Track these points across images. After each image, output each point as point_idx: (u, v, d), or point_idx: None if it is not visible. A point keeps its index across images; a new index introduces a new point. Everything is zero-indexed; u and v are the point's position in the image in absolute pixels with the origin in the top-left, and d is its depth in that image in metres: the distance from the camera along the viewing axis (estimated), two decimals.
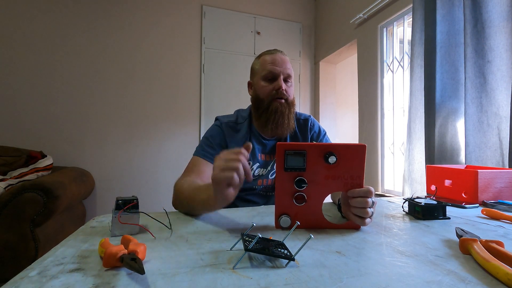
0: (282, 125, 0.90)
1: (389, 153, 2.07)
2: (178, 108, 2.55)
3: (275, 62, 0.90)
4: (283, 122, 0.90)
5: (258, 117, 0.93)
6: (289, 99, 0.91)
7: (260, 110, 0.91)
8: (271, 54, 0.92)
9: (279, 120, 0.89)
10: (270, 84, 0.90)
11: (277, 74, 0.89)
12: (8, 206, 1.41)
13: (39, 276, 0.34)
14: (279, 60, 0.90)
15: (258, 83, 0.93)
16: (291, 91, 0.93)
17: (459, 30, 1.39)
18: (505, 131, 1.16)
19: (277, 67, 0.89)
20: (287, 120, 0.90)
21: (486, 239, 0.42)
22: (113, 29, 2.38)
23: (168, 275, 0.34)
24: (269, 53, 0.93)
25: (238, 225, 0.57)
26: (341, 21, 2.57)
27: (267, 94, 0.90)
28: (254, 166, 0.93)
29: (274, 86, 0.89)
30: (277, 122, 0.89)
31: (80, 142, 2.28)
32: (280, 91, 0.89)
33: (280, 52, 0.93)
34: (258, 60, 0.95)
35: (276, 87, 0.89)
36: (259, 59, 0.95)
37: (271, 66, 0.89)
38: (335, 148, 0.53)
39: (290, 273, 0.35)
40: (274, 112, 0.89)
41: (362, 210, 0.51)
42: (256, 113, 0.94)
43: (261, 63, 0.93)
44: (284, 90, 0.89)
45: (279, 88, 0.89)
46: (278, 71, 0.89)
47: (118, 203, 0.50)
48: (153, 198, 2.38)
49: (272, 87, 0.90)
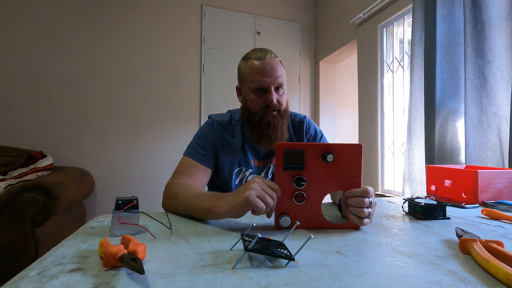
0: (276, 139, 0.85)
1: (389, 153, 2.07)
2: (178, 108, 2.55)
3: (264, 73, 0.82)
4: (276, 135, 0.85)
5: (250, 131, 0.89)
6: (281, 109, 0.87)
7: (252, 124, 0.87)
8: (259, 61, 0.83)
9: (272, 134, 0.85)
10: (261, 97, 0.84)
11: (267, 87, 0.83)
12: (8, 206, 1.41)
13: (39, 276, 0.34)
14: (268, 69, 0.82)
15: (248, 95, 0.87)
16: (283, 100, 0.87)
17: (459, 30, 1.39)
18: (505, 131, 1.16)
19: (266, 78, 0.82)
20: (280, 133, 0.86)
21: (486, 239, 0.42)
22: (113, 29, 2.38)
23: (168, 275, 0.34)
24: (256, 57, 0.84)
25: (238, 225, 0.57)
26: (341, 21, 2.57)
27: (258, 107, 0.85)
28: (247, 173, 0.91)
29: (265, 100, 0.84)
30: (270, 136, 0.85)
31: (80, 142, 2.28)
32: (272, 105, 0.83)
33: (269, 55, 0.84)
34: (246, 64, 0.86)
35: (267, 101, 0.83)
36: (246, 64, 0.86)
37: (260, 78, 0.82)
38: (332, 147, 0.54)
39: (290, 273, 0.35)
40: (266, 127, 0.84)
41: (359, 210, 0.52)
42: (248, 126, 0.89)
43: (249, 71, 0.85)
44: (276, 101, 0.84)
45: (270, 102, 0.83)
46: (268, 83, 0.82)
47: (118, 203, 0.50)
48: (153, 198, 2.37)
49: (263, 101, 0.84)
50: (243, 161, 0.91)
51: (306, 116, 0.99)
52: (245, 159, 0.91)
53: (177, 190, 0.69)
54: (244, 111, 0.90)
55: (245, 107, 0.89)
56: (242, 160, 0.91)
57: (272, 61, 0.84)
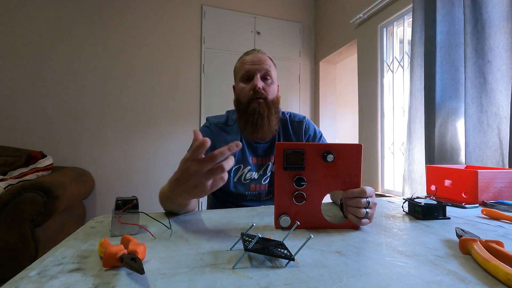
0: (262, 127, 0.85)
1: (389, 153, 2.07)
2: (178, 108, 2.55)
3: (250, 61, 0.88)
4: (262, 124, 0.85)
5: (239, 120, 0.90)
6: (268, 98, 0.88)
7: (240, 112, 0.89)
8: (249, 55, 0.90)
9: (258, 121, 0.85)
10: (248, 84, 0.88)
11: (252, 73, 0.87)
12: (8, 206, 1.41)
13: (39, 276, 0.34)
14: (255, 59, 0.88)
15: (238, 85, 0.91)
16: (271, 90, 0.89)
17: (459, 30, 1.39)
18: (505, 131, 1.16)
19: (252, 65, 0.87)
20: (267, 122, 0.86)
21: (486, 239, 0.42)
22: (113, 29, 2.38)
23: (168, 275, 0.34)
24: (247, 53, 0.92)
25: (238, 225, 0.57)
26: (341, 21, 2.57)
27: (246, 95, 0.88)
28: (245, 170, 0.91)
29: (250, 86, 0.87)
30: (255, 124, 0.85)
31: (80, 142, 2.28)
32: (257, 90, 0.85)
33: (258, 51, 0.91)
34: (238, 61, 0.94)
35: (252, 87, 0.86)
36: (239, 61, 0.93)
37: (247, 66, 0.88)
38: (332, 147, 0.54)
39: (290, 273, 0.35)
40: (252, 114, 0.85)
41: (356, 210, 0.52)
42: (238, 115, 0.91)
43: (239, 64, 0.91)
44: (262, 88, 0.86)
45: (255, 86, 0.85)
46: (253, 69, 0.87)
47: (118, 203, 0.50)
48: (153, 198, 2.36)
49: (249, 88, 0.87)
50: (241, 158, 0.91)
51: (305, 117, 1.00)
52: (243, 156, 0.91)
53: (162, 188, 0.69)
54: (235, 103, 0.93)
55: (236, 99, 0.93)
56: (240, 158, 0.91)
57: (260, 54, 0.90)
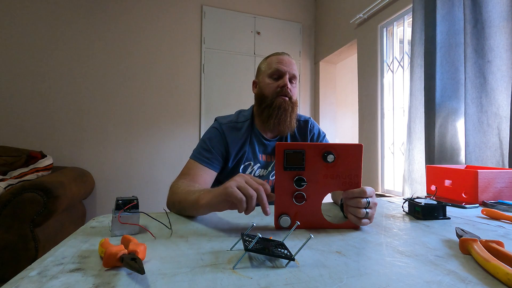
0: (285, 122, 0.91)
1: (389, 153, 2.07)
2: (178, 108, 2.55)
3: (282, 62, 0.93)
4: (285, 119, 0.91)
5: (260, 113, 0.94)
6: (292, 98, 0.93)
7: (263, 105, 0.93)
8: (279, 55, 0.95)
9: (282, 116, 0.90)
10: (276, 82, 0.92)
11: (283, 73, 0.92)
12: (8, 206, 1.41)
13: (39, 276, 0.34)
14: (286, 61, 0.93)
15: (263, 81, 0.95)
16: (295, 91, 0.95)
17: (459, 30, 1.39)
18: (505, 131, 1.16)
19: (284, 66, 0.92)
20: (289, 118, 0.91)
21: (486, 239, 0.42)
22: (113, 29, 2.38)
23: (168, 275, 0.34)
24: (277, 54, 0.97)
25: (238, 225, 0.57)
26: (341, 21, 2.57)
27: (272, 91, 0.92)
28: (255, 167, 0.94)
29: (279, 84, 0.92)
30: (279, 118, 0.90)
31: (80, 142, 2.28)
32: (285, 89, 0.91)
33: (288, 55, 0.97)
34: (266, 60, 0.98)
35: (281, 85, 0.91)
36: (266, 60, 0.98)
37: (278, 65, 0.92)
38: (332, 147, 0.54)
39: (290, 273, 0.35)
40: (277, 108, 0.90)
41: (356, 210, 0.52)
42: (258, 109, 0.95)
43: (268, 62, 0.96)
44: (289, 88, 0.91)
45: (284, 85, 0.91)
46: (284, 70, 0.92)
47: (118, 203, 0.50)
48: (153, 198, 2.38)
49: (277, 85, 0.92)
50: (251, 155, 0.94)
51: (310, 118, 1.06)
52: (253, 153, 0.94)
53: (177, 188, 0.72)
54: (257, 96, 0.97)
55: (259, 93, 0.97)
56: (250, 155, 0.94)
57: (290, 58, 0.96)
